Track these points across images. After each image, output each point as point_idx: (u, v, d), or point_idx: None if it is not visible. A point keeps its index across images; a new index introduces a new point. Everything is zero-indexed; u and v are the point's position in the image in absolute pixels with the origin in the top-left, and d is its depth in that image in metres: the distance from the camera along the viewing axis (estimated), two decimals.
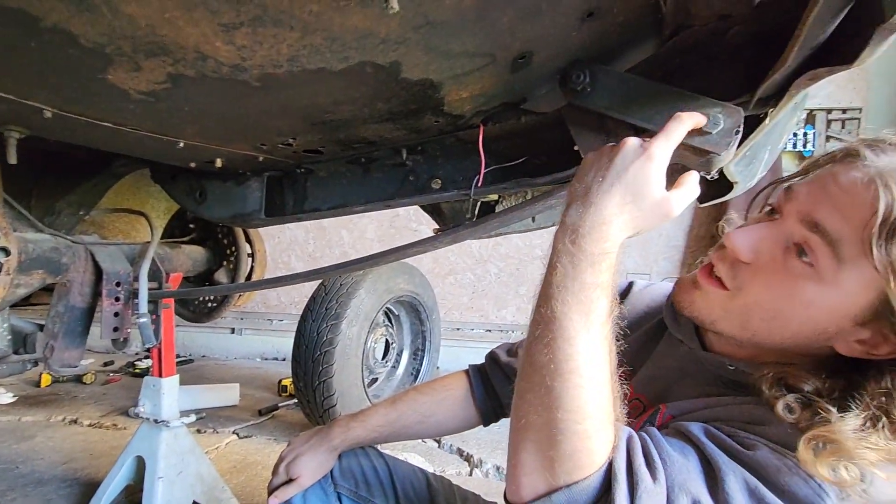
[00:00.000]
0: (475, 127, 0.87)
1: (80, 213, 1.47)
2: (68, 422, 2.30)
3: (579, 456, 0.49)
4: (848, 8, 0.51)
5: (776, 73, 0.59)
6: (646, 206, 0.53)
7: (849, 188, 0.52)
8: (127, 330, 1.28)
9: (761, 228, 0.58)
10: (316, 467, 0.89)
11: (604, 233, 0.52)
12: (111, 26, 0.50)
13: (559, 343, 0.50)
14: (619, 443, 0.51)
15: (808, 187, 0.57)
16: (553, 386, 0.49)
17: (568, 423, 0.49)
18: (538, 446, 0.50)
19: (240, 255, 1.62)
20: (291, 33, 0.53)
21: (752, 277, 0.58)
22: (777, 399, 0.53)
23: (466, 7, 0.54)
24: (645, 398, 0.72)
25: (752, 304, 0.58)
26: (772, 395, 0.54)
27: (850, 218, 0.51)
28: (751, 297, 0.58)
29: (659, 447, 0.52)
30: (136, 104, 0.69)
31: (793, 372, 0.55)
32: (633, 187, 0.53)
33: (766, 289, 0.57)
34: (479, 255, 3.42)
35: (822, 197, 0.55)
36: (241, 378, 2.93)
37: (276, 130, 0.85)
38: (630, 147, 0.54)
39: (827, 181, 0.55)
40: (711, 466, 0.51)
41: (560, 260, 0.52)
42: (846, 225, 0.51)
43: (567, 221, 0.54)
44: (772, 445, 0.51)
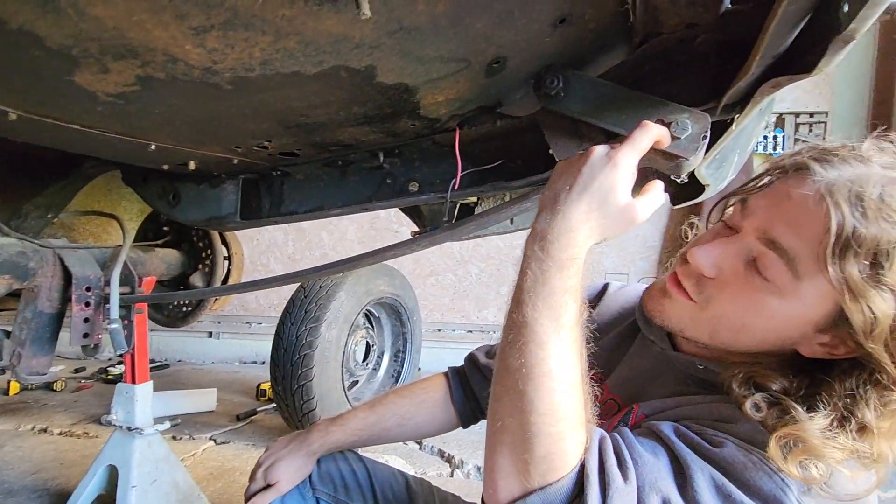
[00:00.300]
0: (451, 130, 0.87)
1: (48, 216, 1.43)
2: (38, 430, 2.23)
3: (553, 458, 0.50)
4: (806, 19, 0.53)
5: (740, 80, 0.61)
6: (612, 213, 0.55)
7: (801, 205, 0.54)
8: (98, 336, 1.25)
9: (722, 244, 0.60)
10: (294, 472, 0.89)
11: (571, 239, 0.53)
12: (77, 28, 0.49)
13: (531, 347, 0.51)
14: (591, 444, 0.52)
15: (763, 203, 0.59)
16: (526, 390, 0.50)
17: (541, 426, 0.50)
18: (513, 449, 0.51)
19: (216, 258, 1.60)
20: (264, 37, 0.53)
21: (718, 292, 0.60)
22: (745, 398, 0.55)
23: (439, 13, 0.55)
24: (619, 398, 0.74)
25: (719, 316, 0.60)
26: (740, 393, 0.56)
27: (804, 235, 0.53)
28: (718, 310, 0.60)
29: (630, 447, 0.53)
30: (105, 106, 0.67)
31: (760, 371, 0.57)
32: (599, 195, 0.54)
33: (731, 303, 0.59)
34: (460, 256, 3.43)
35: (776, 214, 0.57)
36: (219, 383, 2.88)
37: (250, 133, 0.85)
38: (597, 156, 0.56)
39: (780, 198, 0.57)
40: (681, 465, 0.52)
41: (530, 266, 0.53)
42: (801, 242, 0.53)
43: (537, 228, 0.55)
44: (738, 442, 0.53)
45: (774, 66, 0.60)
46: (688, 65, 0.69)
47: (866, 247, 0.49)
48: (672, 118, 0.67)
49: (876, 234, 0.49)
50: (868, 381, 0.52)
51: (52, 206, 1.42)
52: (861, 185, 0.52)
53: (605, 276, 3.30)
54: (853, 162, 0.55)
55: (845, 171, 0.54)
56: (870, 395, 0.51)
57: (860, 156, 0.56)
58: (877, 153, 0.56)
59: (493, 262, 3.41)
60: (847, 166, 0.54)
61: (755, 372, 0.57)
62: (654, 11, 0.64)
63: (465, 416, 0.96)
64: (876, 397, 0.51)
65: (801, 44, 0.57)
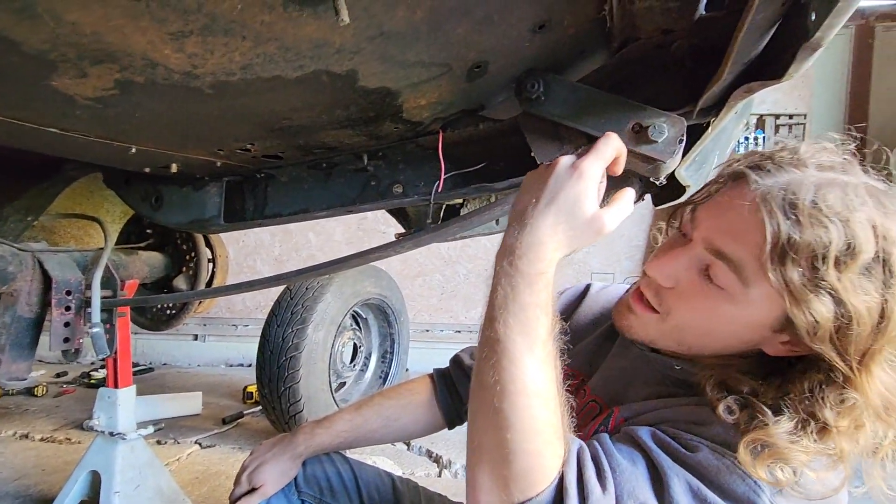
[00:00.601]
0: (435, 133, 0.88)
1: (28, 219, 1.40)
2: (19, 436, 2.19)
3: (532, 473, 0.51)
4: (775, 27, 0.54)
5: (714, 85, 0.63)
6: (579, 225, 0.55)
7: (740, 215, 0.55)
8: (79, 340, 1.24)
9: (676, 255, 0.62)
10: (279, 475, 0.89)
11: (539, 253, 0.54)
12: (55, 33, 0.49)
13: (504, 364, 0.52)
14: (569, 456, 0.53)
15: (708, 213, 0.61)
16: (502, 407, 0.51)
17: (518, 442, 0.50)
18: (492, 466, 0.52)
19: (200, 261, 1.59)
20: (243, 42, 0.53)
21: (676, 301, 0.62)
22: (718, 401, 0.56)
23: (419, 19, 0.55)
24: (601, 399, 0.75)
25: (682, 325, 0.62)
26: (714, 396, 0.57)
27: (746, 244, 0.55)
28: (679, 320, 0.62)
29: (609, 456, 0.55)
30: (84, 110, 0.67)
31: (732, 375, 0.59)
32: (566, 207, 0.55)
33: (690, 311, 0.61)
34: (448, 257, 3.43)
35: (719, 224, 0.58)
36: (205, 386, 2.85)
37: (232, 136, 0.84)
38: (562, 168, 0.56)
39: (722, 208, 0.59)
40: (658, 471, 0.53)
41: (500, 282, 0.54)
42: (744, 251, 0.55)
43: (506, 243, 0.56)
44: (712, 446, 0.54)
45: (747, 72, 0.61)
46: (664, 69, 0.70)
47: (802, 252, 0.51)
48: (649, 122, 0.69)
49: (810, 240, 0.50)
50: (824, 382, 0.53)
51: (31, 209, 1.40)
52: (794, 191, 0.53)
53: (591, 275, 3.33)
54: (789, 168, 0.56)
55: (780, 177, 0.55)
56: (827, 395, 0.53)
57: (797, 160, 0.57)
58: (815, 154, 0.58)
59: (481, 262, 3.42)
60: (782, 173, 0.56)
61: (727, 375, 0.59)
62: (631, 17, 0.65)
63: (450, 418, 0.97)
64: (833, 396, 0.52)
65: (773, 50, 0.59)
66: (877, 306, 0.51)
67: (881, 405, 0.52)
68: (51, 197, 1.41)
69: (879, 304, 0.51)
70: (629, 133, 0.71)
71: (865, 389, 0.51)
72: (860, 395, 0.52)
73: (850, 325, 0.50)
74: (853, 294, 0.50)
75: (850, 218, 0.51)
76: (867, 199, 0.52)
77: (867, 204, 0.52)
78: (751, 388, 0.57)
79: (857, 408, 0.52)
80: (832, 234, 0.50)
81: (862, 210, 0.51)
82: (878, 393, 0.52)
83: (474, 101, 0.81)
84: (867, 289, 0.50)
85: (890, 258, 0.51)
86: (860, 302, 0.50)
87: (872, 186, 0.55)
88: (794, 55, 0.53)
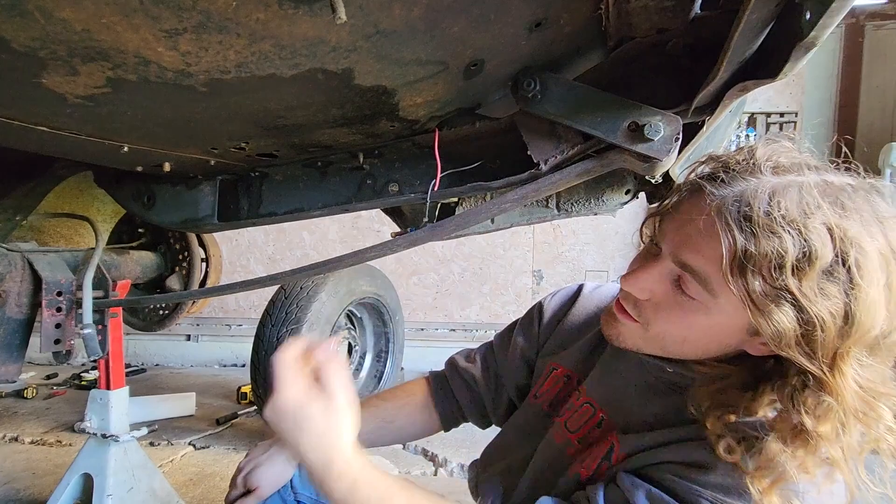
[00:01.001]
0: (431, 131, 0.87)
1: (16, 219, 1.38)
2: (8, 440, 2.16)
3: None
4: (770, 26, 0.55)
5: (710, 84, 0.63)
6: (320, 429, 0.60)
7: (699, 228, 0.56)
8: (70, 342, 1.22)
9: (648, 269, 0.63)
10: (274, 477, 0.88)
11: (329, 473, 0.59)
12: (45, 31, 0.48)
13: None
14: None
15: (671, 226, 0.62)
16: None
17: None
18: None
19: (193, 261, 1.57)
20: (238, 40, 0.52)
21: (654, 313, 0.63)
22: (719, 438, 0.57)
23: (415, 17, 0.55)
24: (595, 402, 0.75)
25: (662, 334, 0.63)
26: (713, 432, 0.57)
27: (707, 257, 0.55)
28: (658, 329, 0.63)
29: None
30: (75, 108, 0.66)
31: (728, 391, 0.59)
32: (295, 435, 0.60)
33: (667, 322, 0.62)
34: (443, 255, 3.43)
35: (682, 237, 0.59)
36: (198, 386, 2.84)
37: (227, 135, 0.83)
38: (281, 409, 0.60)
39: (684, 220, 0.60)
40: None
41: None
42: (707, 263, 0.56)
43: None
44: (713, 497, 0.55)
45: (742, 71, 0.62)
46: (660, 68, 0.71)
47: (760, 263, 0.51)
48: (645, 120, 0.69)
49: (766, 251, 0.50)
50: (800, 386, 0.54)
51: (20, 209, 1.38)
52: (748, 202, 0.53)
53: (585, 273, 3.34)
54: (744, 175, 0.57)
55: (736, 187, 0.56)
56: (804, 399, 0.53)
57: (753, 165, 0.57)
58: (771, 156, 0.58)
59: (476, 261, 3.42)
60: (737, 182, 0.56)
61: (723, 393, 0.59)
62: (627, 17, 0.65)
63: (446, 420, 0.97)
64: (811, 401, 0.52)
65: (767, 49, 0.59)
66: (840, 309, 0.50)
67: (859, 407, 0.52)
68: (39, 196, 1.39)
69: (843, 306, 0.50)
70: (625, 131, 0.71)
71: (840, 391, 0.51)
72: (835, 398, 0.52)
73: (814, 330, 0.50)
74: (814, 300, 0.50)
75: (805, 224, 0.50)
76: (823, 202, 0.52)
77: (823, 206, 0.51)
78: (746, 405, 0.57)
79: (834, 411, 0.52)
80: (787, 243, 0.50)
81: (817, 214, 0.51)
82: (853, 394, 0.52)
83: (471, 99, 0.81)
84: (830, 292, 0.50)
85: (850, 259, 0.50)
86: (823, 307, 0.50)
87: (831, 185, 0.54)
88: (788, 54, 0.53)
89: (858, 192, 0.54)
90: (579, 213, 1.09)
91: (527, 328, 0.92)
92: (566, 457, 0.75)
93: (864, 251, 0.50)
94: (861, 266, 0.50)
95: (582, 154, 0.77)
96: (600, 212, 1.09)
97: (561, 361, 0.84)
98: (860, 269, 0.50)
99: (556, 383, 0.83)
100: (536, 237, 3.39)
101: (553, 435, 0.78)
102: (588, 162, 0.76)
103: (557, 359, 0.85)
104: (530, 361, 0.90)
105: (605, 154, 0.75)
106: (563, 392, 0.82)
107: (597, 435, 0.73)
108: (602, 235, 3.35)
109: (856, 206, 0.52)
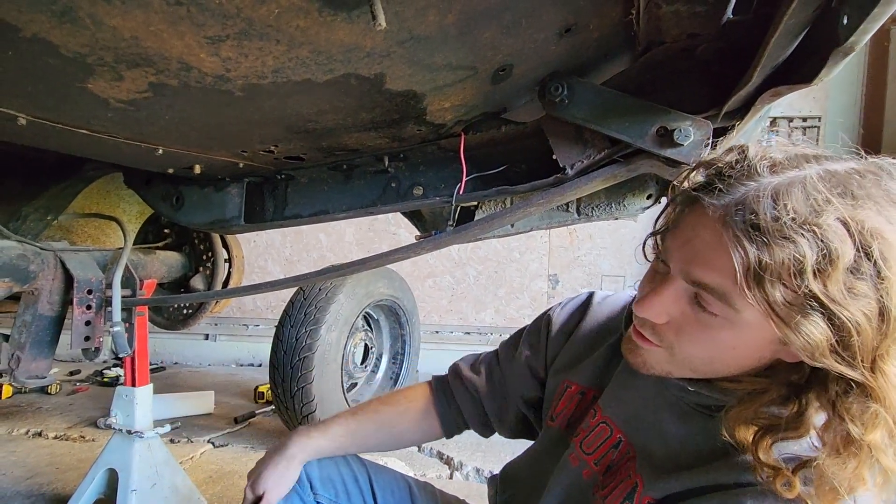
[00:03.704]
0: (457, 136, 0.88)
1: (47, 219, 1.42)
2: (32, 435, 2.21)
3: None
4: (806, 30, 0.54)
5: (741, 89, 0.63)
6: None
7: (706, 242, 0.52)
8: (99, 339, 1.25)
9: (660, 291, 0.58)
10: (277, 480, 0.87)
11: None
12: (94, 38, 0.50)
13: None
14: None
15: (675, 243, 0.57)
16: None
17: None
18: None
19: (216, 261, 1.60)
20: (277, 46, 0.54)
21: (676, 336, 0.58)
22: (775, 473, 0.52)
23: (449, 23, 0.56)
24: (611, 421, 0.72)
25: (689, 357, 0.59)
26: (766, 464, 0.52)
27: (721, 271, 0.51)
28: (684, 352, 0.59)
29: None
30: (115, 112, 0.68)
31: (764, 413, 0.55)
32: None
33: (692, 343, 0.58)
34: (458, 258, 3.44)
35: (689, 254, 0.55)
36: (216, 385, 2.87)
37: (258, 138, 0.85)
38: None
39: (687, 236, 0.55)
40: None
41: None
42: (722, 279, 0.51)
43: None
44: None
45: (775, 76, 0.62)
46: (690, 73, 0.71)
47: (777, 272, 0.47)
48: (674, 125, 0.69)
49: (782, 258, 0.47)
50: (842, 392, 0.50)
51: (51, 209, 1.42)
52: (753, 209, 0.49)
53: (601, 278, 3.32)
54: (741, 179, 0.52)
55: (735, 193, 0.51)
56: (849, 406, 0.49)
57: (747, 167, 0.53)
58: (766, 153, 0.54)
59: (491, 264, 3.42)
60: (736, 188, 0.52)
61: (767, 419, 0.54)
62: (657, 21, 0.65)
63: (447, 426, 0.95)
64: (855, 408, 0.49)
65: (801, 54, 0.59)
66: (874, 307, 0.47)
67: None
68: (70, 196, 1.43)
69: (876, 303, 0.47)
70: (654, 136, 0.71)
71: (885, 395, 0.48)
72: (881, 402, 0.48)
73: (849, 336, 0.47)
74: (844, 303, 0.46)
75: (818, 223, 0.47)
76: (832, 194, 0.48)
77: (833, 200, 0.47)
78: (793, 422, 0.53)
79: (881, 416, 0.48)
80: (803, 247, 0.46)
81: (829, 210, 0.47)
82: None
83: (497, 103, 0.82)
84: (859, 291, 0.46)
85: (874, 252, 0.46)
86: (855, 309, 0.46)
87: (836, 174, 0.50)
88: (824, 59, 0.53)
89: (866, 177, 0.50)
90: (600, 218, 1.08)
91: (533, 339, 0.89)
92: (583, 482, 0.72)
93: (887, 240, 0.46)
94: (887, 257, 0.46)
95: (608, 159, 0.77)
96: (621, 216, 1.08)
97: (574, 378, 0.80)
98: (886, 261, 0.46)
99: (571, 401, 0.79)
100: (552, 241, 3.38)
101: (569, 457, 0.75)
102: (615, 167, 0.77)
103: (570, 375, 0.81)
104: (537, 374, 0.88)
105: (632, 159, 0.75)
106: (578, 410, 0.78)
107: (614, 458, 0.70)
108: (619, 240, 3.33)
109: (867, 192, 0.48)
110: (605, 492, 0.67)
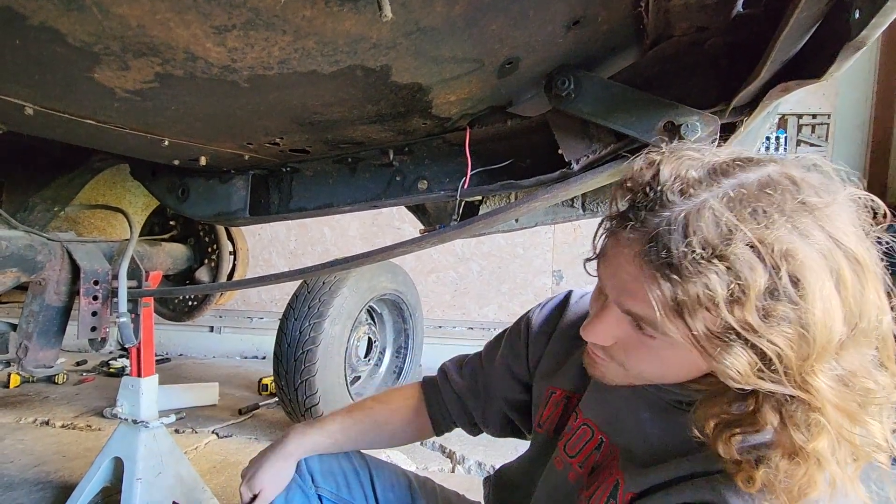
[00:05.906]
0: (462, 129, 0.88)
1: (54, 209, 1.43)
2: (39, 423, 2.24)
3: None
4: (817, 25, 0.54)
5: (750, 84, 0.62)
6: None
7: (629, 274, 0.53)
8: (105, 329, 1.26)
9: (602, 317, 0.59)
10: (274, 477, 0.88)
11: None
12: (101, 26, 0.50)
13: None
14: None
15: (605, 272, 0.58)
16: None
17: None
18: None
19: (222, 253, 1.60)
20: (283, 37, 0.54)
21: (624, 354, 0.60)
22: (737, 468, 0.53)
23: (456, 14, 0.55)
24: (592, 422, 0.73)
25: (640, 371, 0.61)
26: (728, 459, 0.54)
27: (647, 303, 0.51)
28: (635, 369, 0.60)
29: None
30: (122, 102, 0.68)
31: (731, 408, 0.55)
32: None
33: (640, 361, 0.59)
34: (462, 254, 3.44)
35: (619, 284, 0.56)
36: (221, 377, 2.89)
37: (263, 130, 0.85)
38: None
39: (615, 268, 0.56)
40: None
41: None
42: (646, 308, 0.52)
43: None
44: None
45: (784, 71, 0.61)
46: (698, 67, 0.70)
47: (693, 304, 0.48)
48: (682, 120, 0.69)
49: (696, 293, 0.47)
50: (784, 402, 0.50)
51: (58, 200, 1.43)
52: (665, 244, 0.49)
53: None
54: (654, 209, 0.51)
55: (649, 225, 0.51)
56: (793, 414, 0.50)
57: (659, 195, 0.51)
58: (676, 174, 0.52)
59: (495, 260, 3.42)
60: (649, 220, 0.51)
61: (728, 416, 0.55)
62: (666, 15, 0.65)
63: (437, 426, 0.97)
64: (798, 416, 0.49)
65: (811, 49, 0.58)
66: (794, 331, 0.47)
67: (840, 421, 0.49)
68: (77, 187, 1.44)
69: (797, 323, 0.46)
70: (661, 131, 0.70)
71: (822, 405, 0.48)
72: (820, 413, 0.48)
73: (771, 362, 0.47)
74: (763, 331, 0.46)
75: (726, 254, 0.46)
76: (741, 217, 0.47)
77: (741, 225, 0.47)
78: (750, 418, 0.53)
79: (822, 425, 0.48)
80: (713, 282, 0.46)
81: (738, 235, 0.46)
82: (833, 407, 0.48)
83: (503, 97, 0.81)
84: (778, 313, 0.46)
85: (783, 271, 0.46)
86: (775, 336, 0.46)
87: (748, 187, 0.49)
88: (834, 54, 0.53)
89: (778, 188, 0.48)
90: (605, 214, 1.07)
91: (514, 342, 0.90)
92: (570, 485, 0.73)
93: (799, 261, 0.46)
94: (800, 277, 0.46)
95: (614, 154, 0.77)
96: None
97: (558, 384, 0.81)
98: (800, 282, 0.46)
99: (557, 407, 0.80)
100: (557, 237, 3.37)
101: (554, 461, 0.77)
102: (621, 162, 0.76)
103: (554, 381, 0.82)
104: (519, 377, 0.88)
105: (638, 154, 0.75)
106: (564, 415, 0.79)
107: (597, 459, 0.71)
108: None
109: (779, 207, 0.47)
110: (588, 492, 0.69)
